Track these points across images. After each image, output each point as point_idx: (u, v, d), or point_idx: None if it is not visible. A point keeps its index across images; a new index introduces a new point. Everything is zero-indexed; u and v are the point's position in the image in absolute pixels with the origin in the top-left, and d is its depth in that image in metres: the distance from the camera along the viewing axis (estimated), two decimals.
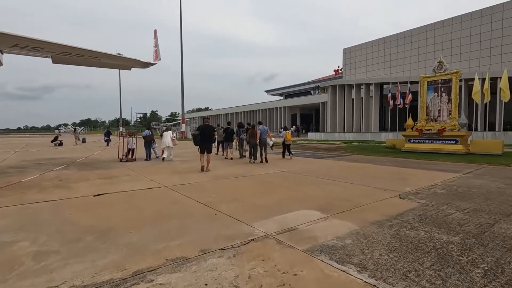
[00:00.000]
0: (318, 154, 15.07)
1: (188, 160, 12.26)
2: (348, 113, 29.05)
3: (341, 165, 10.42)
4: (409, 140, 15.73)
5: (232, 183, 6.99)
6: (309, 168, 9.58)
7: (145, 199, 5.45)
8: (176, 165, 10.74)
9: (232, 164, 11.25)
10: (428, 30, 26.80)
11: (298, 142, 25.77)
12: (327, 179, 7.47)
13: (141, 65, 12.58)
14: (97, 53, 9.92)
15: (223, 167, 10.25)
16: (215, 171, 9.04)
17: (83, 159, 12.73)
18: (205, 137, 9.17)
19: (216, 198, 5.44)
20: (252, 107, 53.46)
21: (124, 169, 9.61)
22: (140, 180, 7.51)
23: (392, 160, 12.06)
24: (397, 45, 29.27)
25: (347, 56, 34.37)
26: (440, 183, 6.87)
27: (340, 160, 12.20)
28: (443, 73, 14.89)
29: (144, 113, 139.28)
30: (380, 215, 4.34)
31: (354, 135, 27.12)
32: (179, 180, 7.50)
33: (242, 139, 13.05)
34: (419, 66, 27.40)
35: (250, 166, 10.19)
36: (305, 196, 5.60)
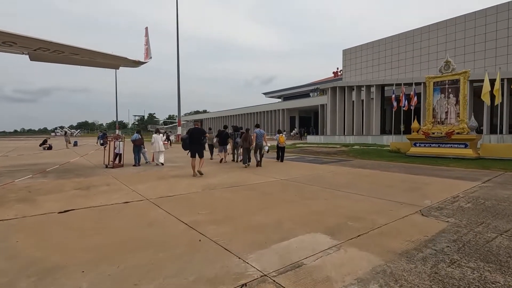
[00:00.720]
0: (319, 158, 14.22)
1: (179, 166, 11.36)
2: (349, 115, 28.30)
3: (346, 172, 9.57)
4: (414, 143, 14.92)
5: (225, 195, 6.11)
6: (311, 176, 8.72)
7: (118, 218, 4.55)
8: (165, 171, 9.85)
9: (226, 169, 10.39)
10: (430, 30, 26.12)
11: (298, 146, 24.94)
12: (332, 189, 6.60)
13: (130, 64, 11.72)
14: (78, 50, 9.05)
15: (217, 173, 9.37)
16: (208, 179, 8.16)
17: (66, 164, 11.80)
18: (194, 141, 8.75)
19: (204, 216, 4.55)
20: (250, 109, 52.65)
21: (107, 177, 8.70)
22: (120, 190, 6.61)
23: (399, 165, 11.22)
24: (399, 46, 28.57)
25: (347, 58, 33.64)
26: (461, 195, 6.02)
27: (343, 165, 11.35)
28: (451, 73, 14.13)
29: (141, 116, 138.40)
30: (406, 241, 3.47)
31: (354, 138, 26.33)
32: (165, 190, 6.61)
33: (237, 142, 12.64)
34: (422, 67, 26.71)
35: (245, 173, 9.32)
36: (310, 213, 4.72)
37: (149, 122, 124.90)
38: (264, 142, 11.49)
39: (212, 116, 65.46)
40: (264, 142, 11.49)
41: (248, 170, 10.00)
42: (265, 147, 12.00)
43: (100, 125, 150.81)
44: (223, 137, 12.89)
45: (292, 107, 44.63)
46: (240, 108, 56.11)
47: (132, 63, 11.31)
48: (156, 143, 12.51)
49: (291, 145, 26.64)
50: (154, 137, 13.35)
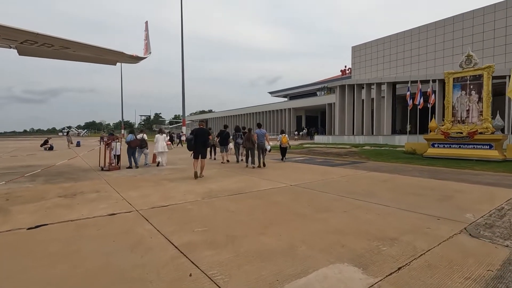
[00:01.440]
0: (330, 160, 13.31)
1: (180, 169, 10.58)
2: (358, 114, 27.26)
3: (361, 176, 8.66)
4: (432, 144, 13.90)
5: (227, 206, 5.28)
6: (324, 181, 7.84)
7: (96, 237, 3.75)
8: (164, 175, 9.07)
9: (230, 172, 9.59)
10: (446, 25, 24.85)
11: (305, 146, 24.03)
12: (350, 198, 5.73)
13: (127, 59, 11.00)
14: (69, 43, 8.32)
15: (219, 176, 8.56)
16: (209, 184, 7.35)
17: (60, 167, 11.13)
18: (199, 142, 8.41)
19: (200, 235, 3.74)
20: (255, 109, 51.84)
21: (99, 181, 7.95)
22: (109, 199, 5.83)
23: (418, 168, 10.26)
24: (411, 42, 27.34)
25: (356, 55, 32.51)
26: (506, 206, 5.09)
27: (357, 168, 10.44)
28: (473, 68, 13.08)
29: (147, 116, 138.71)
30: (465, 279, 2.59)
31: (364, 139, 25.30)
32: (160, 198, 5.82)
33: (238, 143, 12.38)
34: (436, 64, 25.46)
35: (250, 176, 8.49)
36: (330, 231, 3.87)
37: (155, 122, 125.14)
38: (266, 142, 11.25)
39: (217, 116, 64.85)
40: (266, 142, 11.25)
41: (254, 173, 9.16)
42: (267, 147, 11.76)
43: (107, 125, 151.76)
44: (224, 137, 12.55)
45: (299, 106, 43.67)
46: (245, 107, 55.35)
47: (129, 58, 10.58)
48: (158, 143, 12.02)
49: (298, 145, 25.74)
50: (156, 137, 12.75)
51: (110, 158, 10.92)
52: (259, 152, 10.95)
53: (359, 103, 27.19)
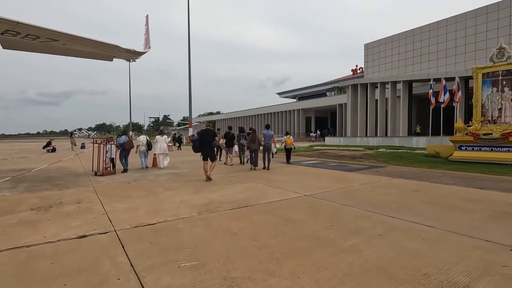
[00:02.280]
0: (345, 164, 12.14)
1: (180, 174, 9.60)
2: (371, 115, 25.92)
3: (386, 184, 7.50)
4: (459, 146, 12.57)
5: (228, 226, 4.23)
6: (343, 190, 6.73)
7: (44, 274, 2.76)
8: (161, 181, 8.10)
9: (233, 176, 8.58)
10: (467, 18, 23.27)
11: (316, 148, 22.86)
12: (381, 214, 4.61)
13: (124, 54, 10.12)
14: (57, 34, 7.47)
15: (222, 183, 7.54)
16: (210, 192, 6.34)
17: (52, 170, 10.32)
18: (204, 143, 8.10)
19: (186, 275, 2.70)
20: (263, 110, 50.83)
21: (87, 189, 7.03)
22: (88, 212, 4.87)
23: (448, 174, 9.02)
24: (429, 37, 25.79)
25: (369, 52, 31.09)
26: None
27: (377, 174, 9.27)
28: (506, 62, 11.74)
29: (156, 118, 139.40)
30: None
31: (379, 140, 23.95)
32: (148, 213, 4.83)
33: (242, 144, 12.23)
34: (457, 60, 23.90)
35: (257, 183, 7.43)
36: (368, 269, 2.78)
37: (163, 123, 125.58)
38: (272, 144, 11.09)
39: (225, 117, 64.10)
40: (272, 144, 11.09)
41: (261, 180, 8.10)
42: (273, 149, 11.61)
43: (117, 127, 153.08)
44: (229, 138, 12.28)
45: (308, 107, 42.43)
46: (253, 108, 54.41)
47: (126, 52, 9.70)
48: (158, 144, 11.46)
49: (308, 147, 24.57)
50: (157, 138, 12.07)
51: (105, 161, 10.11)
52: (264, 153, 10.65)
53: (373, 103, 25.84)
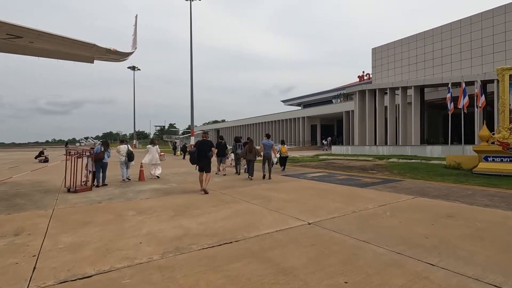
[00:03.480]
0: (355, 177, 10.76)
1: (166, 190, 8.33)
2: (380, 122, 24.49)
3: (408, 206, 6.13)
4: (485, 157, 11.11)
5: (197, 282, 2.94)
6: (357, 214, 5.38)
7: None
8: (139, 200, 6.85)
9: (226, 192, 7.30)
10: (484, 19, 21.90)
11: (321, 158, 21.45)
12: (417, 259, 3.28)
13: (106, 55, 9.05)
14: (19, 29, 6.41)
15: (209, 202, 6.27)
16: (189, 217, 5.07)
17: (23, 185, 9.18)
18: (202, 154, 7.92)
19: None
20: (268, 118, 49.72)
21: (43, 212, 5.82)
22: (15, 253, 3.63)
23: (480, 192, 7.58)
24: (442, 40, 24.43)
25: (377, 57, 29.80)
26: None
27: (395, 190, 7.88)
28: None
29: (162, 126, 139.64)
30: None
31: (389, 149, 22.46)
32: (95, 253, 3.57)
33: (237, 154, 11.98)
34: (473, 63, 22.45)
35: (250, 203, 6.14)
36: None
37: (168, 132, 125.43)
38: (272, 153, 10.94)
39: (230, 125, 63.16)
40: (272, 154, 10.94)
41: (258, 197, 6.80)
42: (274, 159, 11.48)
43: (124, 135, 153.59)
44: (221, 148, 12.15)
45: (313, 114, 41.13)
46: (258, 116, 53.35)
47: (106, 53, 8.62)
48: (150, 155, 11.06)
49: (313, 157, 23.17)
50: (148, 148, 11.48)
51: (86, 175, 9.03)
52: (264, 163, 10.47)
53: (382, 110, 24.45)
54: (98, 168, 9.05)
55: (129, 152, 10.78)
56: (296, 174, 11.85)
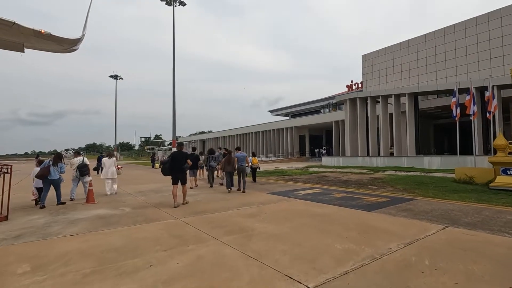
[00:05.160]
0: (356, 195, 8.94)
1: (110, 220, 6.18)
2: (373, 132, 23.11)
3: (445, 245, 4.29)
4: (504, 170, 9.56)
5: None
6: (380, 266, 3.49)
7: None
8: (59, 239, 4.72)
9: (192, 219, 5.24)
10: (479, 23, 21.11)
11: (312, 171, 19.66)
12: None
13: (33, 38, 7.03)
14: None
15: (166, 235, 4.21)
16: (115, 277, 3.03)
17: None
18: (176, 166, 7.62)
19: None
20: (255, 128, 47.97)
21: None
22: None
23: None
24: (435, 45, 23.57)
25: (367, 64, 28.76)
26: None
27: (413, 216, 6.08)
28: None
29: (147, 137, 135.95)
30: None
31: (383, 160, 20.97)
32: None
33: (212, 166, 11.77)
34: (469, 69, 21.54)
35: (223, 237, 4.16)
36: None
37: (154, 143, 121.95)
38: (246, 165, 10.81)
39: (216, 136, 60.99)
40: (246, 165, 10.81)
41: (234, 231, 4.81)
42: (247, 169, 11.70)
43: (108, 147, 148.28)
44: (193, 160, 11.15)
45: (302, 124, 39.66)
46: (244, 127, 51.53)
47: (36, 35, 6.59)
48: (106, 169, 9.85)
49: (303, 169, 21.37)
50: (104, 161, 10.13)
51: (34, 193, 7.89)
52: (239, 176, 10.21)
53: (374, 119, 23.11)
54: (46, 186, 7.75)
55: (80, 165, 8.89)
56: (285, 192, 9.94)
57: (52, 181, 7.79)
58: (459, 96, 22.59)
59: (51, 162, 7.89)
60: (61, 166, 8.06)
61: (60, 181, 8.01)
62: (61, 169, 8.04)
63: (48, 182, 7.73)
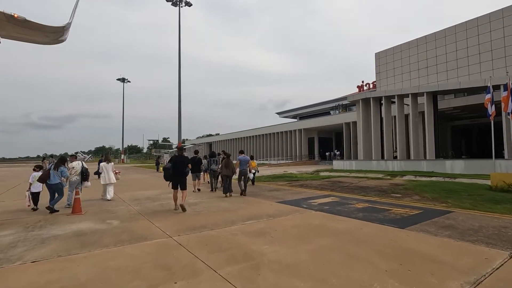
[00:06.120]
0: (379, 205, 7.74)
1: (94, 235, 5.16)
2: (388, 134, 21.76)
3: (506, 282, 3.12)
4: None
5: None
6: None
7: None
8: (12, 269, 3.71)
9: (186, 236, 4.14)
10: (505, 16, 19.50)
11: (323, 175, 18.45)
12: None
13: (14, 29, 6.12)
14: None
15: (149, 262, 3.18)
16: None
17: None
18: (178, 171, 7.44)
19: None
20: (262, 130, 46.90)
21: None
22: None
23: None
24: (456, 41, 22.07)
25: (381, 62, 27.36)
26: None
27: (461, 236, 4.90)
28: None
29: (155, 140, 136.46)
30: None
31: (400, 164, 19.60)
32: None
33: (213, 169, 11.41)
34: (495, 66, 20.03)
35: (223, 267, 3.09)
36: None
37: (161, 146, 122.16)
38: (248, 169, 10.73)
39: (223, 138, 60.17)
40: (248, 169, 10.71)
41: (231, 261, 3.73)
42: (250, 175, 11.54)
43: (117, 150, 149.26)
44: (195, 163, 11.06)
45: (310, 126, 38.40)
46: (251, 129, 50.53)
47: (8, 21, 5.69)
48: (105, 174, 9.36)
49: (313, 173, 20.18)
50: (101, 166, 9.60)
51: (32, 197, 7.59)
52: (240, 179, 10.14)
53: (389, 120, 21.78)
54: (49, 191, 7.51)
55: (83, 170, 8.47)
56: (297, 200, 8.82)
57: (51, 185, 7.38)
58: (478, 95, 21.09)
59: (53, 166, 7.62)
60: (62, 170, 7.65)
61: (61, 186, 7.56)
62: (62, 173, 7.64)
63: (48, 187, 7.40)
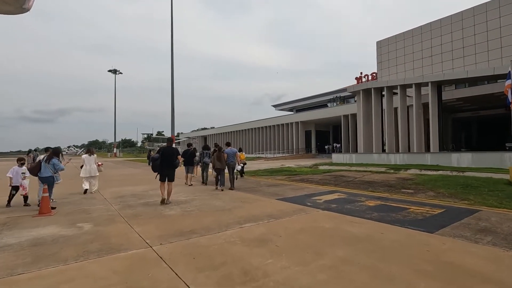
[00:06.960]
0: (393, 203, 6.85)
1: (55, 245, 4.14)
2: (390, 126, 20.93)
3: None
4: None
5: None
6: None
7: None
8: None
9: (170, 244, 3.18)
10: None
11: (323, 169, 17.59)
12: None
13: None
14: None
15: None
16: None
17: None
18: (166, 162, 7.34)
19: None
20: (258, 123, 45.84)
21: None
22: None
23: None
24: (463, 28, 21.18)
25: (383, 51, 26.34)
26: None
27: (508, 244, 4.02)
28: None
29: (149, 134, 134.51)
30: None
31: (403, 157, 18.81)
32: None
33: (206, 163, 11.18)
34: (504, 54, 19.16)
35: None
36: None
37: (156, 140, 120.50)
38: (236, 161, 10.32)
39: (218, 132, 58.99)
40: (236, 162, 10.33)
41: (227, 283, 2.81)
42: (237, 167, 11.21)
43: (110, 144, 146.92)
44: (189, 156, 11.44)
45: (307, 119, 37.45)
46: (246, 122, 49.44)
47: None
48: (86, 166, 9.09)
49: (312, 167, 19.33)
50: (83, 158, 9.27)
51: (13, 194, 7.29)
52: (229, 172, 9.91)
53: (391, 111, 20.92)
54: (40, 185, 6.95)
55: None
56: (300, 197, 7.90)
57: (42, 178, 6.78)
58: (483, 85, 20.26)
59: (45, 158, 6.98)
60: (53, 163, 6.92)
61: (52, 180, 6.93)
62: (54, 166, 6.92)
63: (41, 180, 6.82)
